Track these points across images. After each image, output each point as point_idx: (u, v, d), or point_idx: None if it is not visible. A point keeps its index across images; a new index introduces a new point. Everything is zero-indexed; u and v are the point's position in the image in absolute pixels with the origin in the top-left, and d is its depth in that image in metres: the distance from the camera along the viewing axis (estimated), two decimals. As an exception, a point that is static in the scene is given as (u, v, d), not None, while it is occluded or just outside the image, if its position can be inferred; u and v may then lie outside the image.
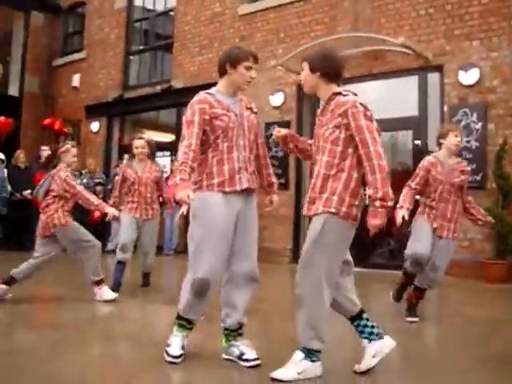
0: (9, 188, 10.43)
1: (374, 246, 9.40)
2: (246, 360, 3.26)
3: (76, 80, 14.39)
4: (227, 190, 3.29)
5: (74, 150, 5.62)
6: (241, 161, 3.35)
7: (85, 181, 11.28)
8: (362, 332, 3.22)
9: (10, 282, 5.24)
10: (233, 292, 3.37)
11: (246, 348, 3.32)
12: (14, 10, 14.80)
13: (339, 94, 3.12)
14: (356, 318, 3.25)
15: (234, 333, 3.38)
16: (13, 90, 14.74)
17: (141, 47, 13.77)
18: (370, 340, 3.18)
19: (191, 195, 3.14)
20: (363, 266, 9.02)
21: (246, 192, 3.37)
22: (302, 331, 3.02)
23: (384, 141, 9.52)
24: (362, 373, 3.13)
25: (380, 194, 2.91)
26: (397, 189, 10.04)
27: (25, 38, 14.79)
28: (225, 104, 3.40)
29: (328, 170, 3.04)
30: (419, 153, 8.80)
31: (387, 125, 9.10)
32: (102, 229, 11.08)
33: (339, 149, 3.03)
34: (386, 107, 9.02)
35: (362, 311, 3.25)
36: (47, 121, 14.04)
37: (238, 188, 3.31)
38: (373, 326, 3.23)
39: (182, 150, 3.27)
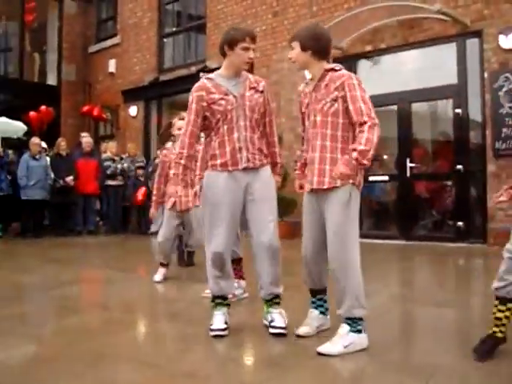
0: (52, 175, 10.65)
1: (417, 219, 9.30)
2: (273, 327, 3.39)
3: (112, 65, 14.53)
4: (230, 169, 3.44)
5: (179, 122, 5.66)
6: (241, 141, 3.45)
7: (126, 165, 11.43)
8: (321, 306, 3.43)
9: None
10: (258, 264, 3.51)
11: (277, 316, 3.45)
12: (48, -1, 15.01)
13: (332, 69, 3.21)
14: (324, 292, 3.44)
15: (269, 302, 3.54)
16: (51, 79, 14.99)
17: (174, 29, 13.78)
18: (325, 314, 3.43)
19: (179, 191, 3.55)
20: (406, 238, 8.96)
21: (250, 169, 3.46)
22: (344, 303, 3.08)
23: (423, 110, 9.50)
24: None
25: (360, 148, 2.95)
26: (438, 158, 9.88)
27: (59, 26, 14.98)
28: (223, 88, 3.48)
29: (334, 142, 3.14)
30: (460, 122, 8.64)
31: (426, 94, 8.99)
32: (145, 211, 11.23)
33: (341, 121, 3.13)
34: (424, 76, 8.87)
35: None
36: (86, 108, 14.27)
37: (239, 167, 3.44)
38: (327, 302, 3.46)
39: (180, 138, 3.58)
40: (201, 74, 4.92)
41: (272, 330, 3.39)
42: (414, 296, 4.96)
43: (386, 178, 9.66)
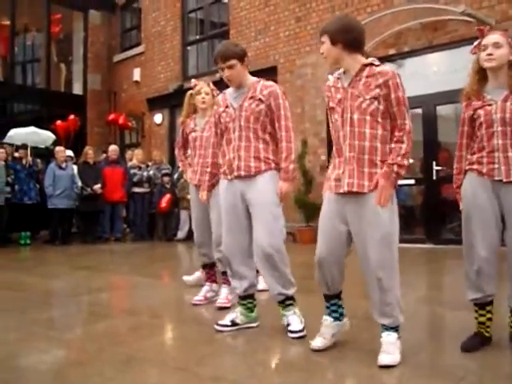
0: (79, 183, 10.77)
1: (444, 222, 9.21)
2: (291, 331, 3.43)
3: (136, 74, 14.68)
4: (229, 177, 3.67)
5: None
6: (234, 151, 3.62)
7: (152, 172, 11.52)
8: (335, 311, 3.23)
9: None
10: (259, 269, 3.62)
11: (292, 318, 3.50)
12: (73, 10, 15.22)
13: (371, 64, 2.99)
14: (339, 297, 3.25)
15: (281, 304, 3.58)
16: (77, 89, 15.19)
17: (197, 37, 13.88)
18: (340, 320, 3.23)
19: (204, 196, 3.99)
20: (433, 242, 8.88)
21: (245, 177, 3.60)
22: (391, 313, 2.94)
23: (448, 113, 9.42)
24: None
25: (400, 160, 2.90)
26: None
27: (84, 37, 15.19)
28: (228, 101, 3.74)
29: (373, 142, 2.94)
30: (486, 123, 8.54)
31: (451, 96, 8.87)
32: (170, 218, 11.30)
33: (380, 120, 2.95)
34: (449, 78, 8.79)
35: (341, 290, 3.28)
36: (111, 116, 14.43)
37: (233, 175, 3.63)
38: (342, 307, 3.27)
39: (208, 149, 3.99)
40: (192, 81, 5.05)
41: (290, 335, 3.42)
42: (442, 299, 4.92)
43: (412, 181, 9.59)
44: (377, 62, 3.00)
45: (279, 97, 3.62)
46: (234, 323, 3.67)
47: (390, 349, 2.89)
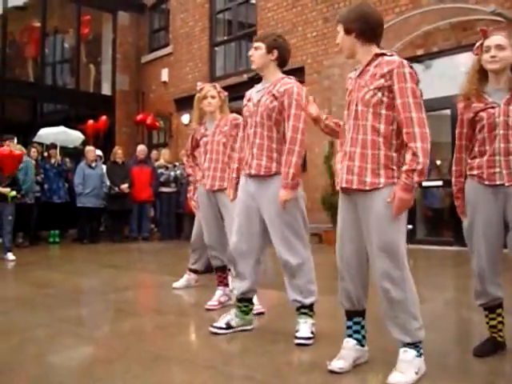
0: (107, 183, 10.88)
1: (472, 224, 9.08)
2: (296, 337, 3.37)
3: (164, 75, 14.77)
4: (244, 174, 3.61)
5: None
6: (249, 147, 3.56)
7: (179, 172, 11.58)
8: (358, 332, 2.95)
9: None
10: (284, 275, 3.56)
11: (303, 326, 3.42)
12: (102, 11, 15.38)
13: (383, 54, 2.77)
14: (363, 314, 2.96)
15: (296, 311, 3.52)
16: (106, 89, 15.33)
17: (225, 37, 13.92)
18: (363, 345, 2.94)
19: (231, 195, 3.75)
20: (461, 244, 8.72)
21: (257, 177, 3.52)
22: (406, 326, 2.70)
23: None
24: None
25: (420, 167, 2.56)
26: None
27: (113, 38, 15.32)
28: (252, 94, 3.67)
29: (376, 135, 2.71)
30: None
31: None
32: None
33: (383, 112, 2.70)
34: (479, 79, 8.69)
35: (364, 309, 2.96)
36: (140, 117, 14.54)
37: (245, 173, 3.59)
38: (365, 328, 2.98)
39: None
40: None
41: (295, 341, 3.35)
42: (470, 302, 4.85)
43: (439, 183, 9.50)
44: (389, 53, 2.78)
45: (294, 95, 3.42)
46: (228, 326, 3.64)
47: (402, 367, 2.65)
